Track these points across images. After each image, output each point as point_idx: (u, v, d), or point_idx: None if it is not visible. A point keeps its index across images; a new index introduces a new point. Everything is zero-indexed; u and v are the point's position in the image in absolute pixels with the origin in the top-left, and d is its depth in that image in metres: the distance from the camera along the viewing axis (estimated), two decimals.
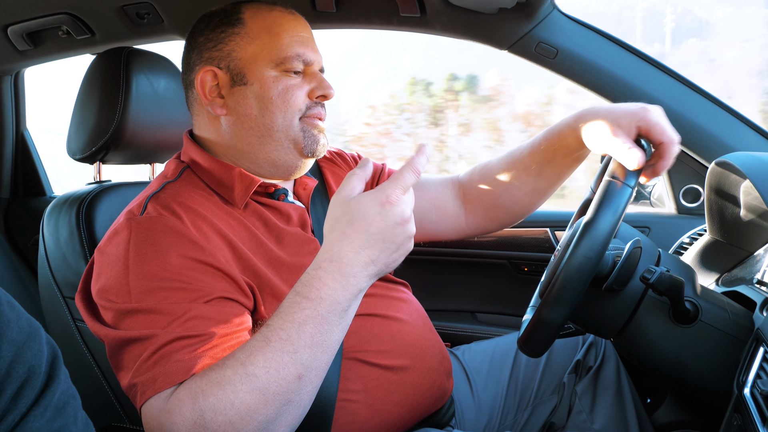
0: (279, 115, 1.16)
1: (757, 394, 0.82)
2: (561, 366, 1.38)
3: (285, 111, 1.16)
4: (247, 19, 1.18)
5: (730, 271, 1.32)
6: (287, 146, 1.18)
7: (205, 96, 1.18)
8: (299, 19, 1.22)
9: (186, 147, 1.23)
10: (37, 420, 0.56)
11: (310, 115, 1.19)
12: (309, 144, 1.19)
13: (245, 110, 1.17)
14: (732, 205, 1.27)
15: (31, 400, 0.57)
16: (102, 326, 1.00)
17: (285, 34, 1.18)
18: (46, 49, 2.04)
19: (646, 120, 1.08)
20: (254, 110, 1.16)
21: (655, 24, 4.51)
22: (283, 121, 1.17)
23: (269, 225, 1.17)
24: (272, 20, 1.19)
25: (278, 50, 1.17)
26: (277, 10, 1.21)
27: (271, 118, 1.16)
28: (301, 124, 1.18)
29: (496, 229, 1.44)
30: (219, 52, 1.18)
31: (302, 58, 1.18)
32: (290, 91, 1.16)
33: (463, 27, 1.73)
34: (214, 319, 0.97)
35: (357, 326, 1.17)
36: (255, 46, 1.17)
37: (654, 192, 1.91)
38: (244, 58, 1.17)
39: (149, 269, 0.98)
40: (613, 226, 0.94)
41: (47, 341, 0.60)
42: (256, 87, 1.16)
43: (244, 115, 1.17)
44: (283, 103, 1.16)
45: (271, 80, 1.16)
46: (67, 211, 1.34)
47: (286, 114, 1.17)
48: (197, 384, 0.85)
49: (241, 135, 1.18)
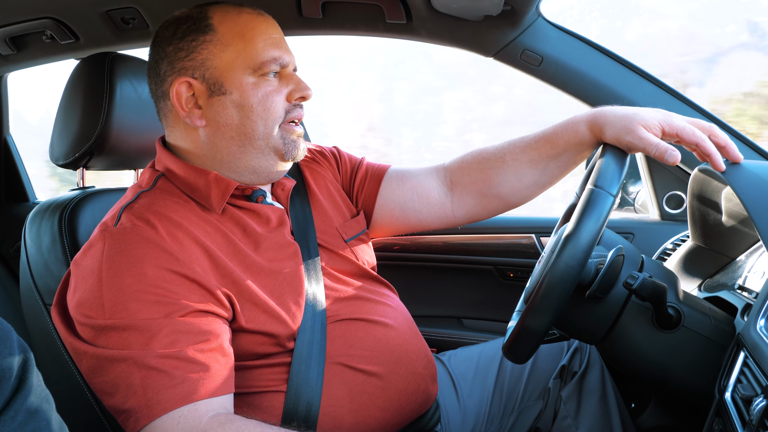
0: (260, 123, 1.15)
1: (737, 398, 0.83)
2: (546, 371, 1.39)
3: (266, 118, 1.15)
4: (217, 25, 1.15)
5: (712, 276, 1.33)
6: (268, 153, 1.17)
7: (182, 108, 1.14)
8: (269, 20, 1.20)
9: (160, 155, 1.21)
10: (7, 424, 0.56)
11: (288, 120, 1.17)
12: (290, 150, 1.18)
13: (225, 120, 1.14)
14: (714, 212, 1.28)
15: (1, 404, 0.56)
16: (80, 342, 0.99)
17: (258, 38, 1.15)
18: (30, 54, 2.02)
19: (673, 125, 1.11)
20: (234, 119, 1.14)
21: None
22: (264, 128, 1.15)
23: (247, 230, 1.16)
24: (243, 24, 1.15)
25: (254, 55, 1.14)
26: (245, 12, 1.17)
27: (252, 126, 1.15)
28: (280, 131, 1.17)
29: (486, 217, 1.42)
30: (192, 62, 1.14)
31: (279, 61, 1.16)
32: (270, 97, 1.15)
33: (448, 34, 1.73)
34: (191, 333, 0.97)
35: (341, 331, 1.17)
36: (230, 53, 1.13)
37: (638, 198, 1.93)
38: (220, 66, 1.13)
39: (122, 281, 0.97)
40: (596, 235, 0.94)
41: (18, 344, 0.60)
42: (236, 96, 1.13)
43: (224, 125, 1.15)
44: (264, 110, 1.14)
45: (250, 87, 1.14)
46: (49, 217, 1.32)
47: (267, 122, 1.15)
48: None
49: (221, 145, 1.16)
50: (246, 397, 1.08)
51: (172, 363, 0.94)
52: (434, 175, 1.41)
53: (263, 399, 1.10)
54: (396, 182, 1.40)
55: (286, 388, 1.09)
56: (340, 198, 1.38)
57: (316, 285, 1.18)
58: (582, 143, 1.23)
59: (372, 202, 1.40)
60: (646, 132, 1.09)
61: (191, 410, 0.93)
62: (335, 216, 1.32)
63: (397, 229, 1.44)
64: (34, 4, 1.74)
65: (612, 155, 1.07)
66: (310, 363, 1.11)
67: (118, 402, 0.94)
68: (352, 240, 1.31)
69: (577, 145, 1.24)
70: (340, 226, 1.31)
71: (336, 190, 1.38)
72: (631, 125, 1.11)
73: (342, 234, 1.30)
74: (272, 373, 1.11)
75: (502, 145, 1.35)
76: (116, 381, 0.94)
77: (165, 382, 0.93)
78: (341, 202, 1.37)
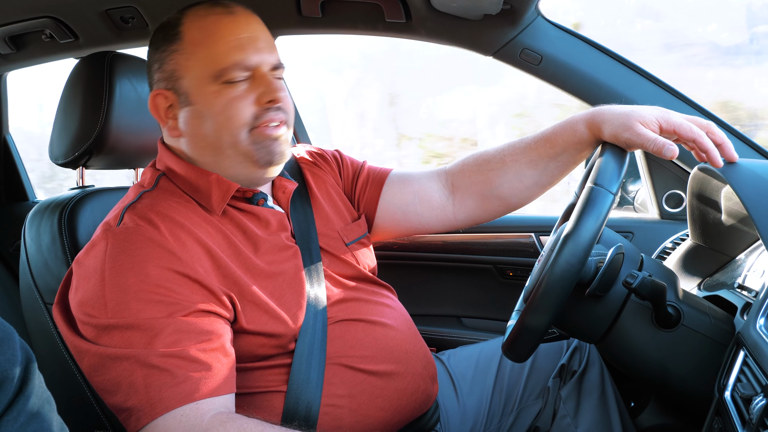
0: (225, 132, 1.11)
1: (737, 397, 0.83)
2: (545, 370, 1.39)
3: (230, 127, 1.11)
4: (185, 32, 1.12)
5: (712, 275, 1.33)
6: (242, 161, 1.14)
7: (161, 119, 1.16)
8: (239, 18, 1.13)
9: (161, 154, 1.21)
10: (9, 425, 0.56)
11: (261, 125, 1.12)
12: (263, 156, 1.13)
13: (194, 131, 1.14)
14: (713, 211, 1.28)
15: (3, 405, 0.56)
16: (82, 341, 0.99)
17: (220, 42, 1.10)
18: (29, 53, 2.02)
19: (670, 121, 1.11)
20: (202, 130, 1.12)
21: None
22: (230, 137, 1.11)
23: (247, 232, 1.15)
24: (206, 28, 1.11)
25: (214, 62, 1.10)
26: (213, 13, 1.13)
27: (218, 136, 1.12)
28: (251, 136, 1.12)
29: (487, 219, 1.42)
30: (164, 74, 1.14)
31: (242, 64, 1.10)
32: (232, 105, 1.10)
33: (448, 33, 1.73)
34: (194, 333, 0.97)
35: (341, 331, 1.17)
36: (193, 62, 1.11)
37: (637, 197, 1.93)
38: (186, 76, 1.12)
39: (125, 281, 0.97)
40: (596, 233, 0.94)
41: (21, 346, 0.60)
42: (200, 106, 1.11)
43: (195, 136, 1.14)
44: (227, 119, 1.10)
45: (213, 96, 1.10)
46: (49, 216, 1.32)
47: (231, 130, 1.11)
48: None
49: (199, 153, 1.16)
50: (246, 397, 1.08)
51: (174, 362, 0.94)
52: (435, 179, 1.41)
53: (263, 399, 1.10)
54: (398, 186, 1.40)
55: (287, 389, 1.10)
56: (341, 201, 1.37)
57: (317, 287, 1.18)
58: (581, 142, 1.23)
59: (374, 206, 1.40)
60: (643, 128, 1.10)
61: (193, 409, 0.93)
62: (336, 219, 1.32)
63: (399, 233, 1.44)
64: (34, 3, 1.74)
65: (611, 153, 1.07)
66: (310, 363, 1.11)
67: (120, 400, 0.94)
68: (353, 243, 1.31)
69: (576, 145, 1.24)
70: (342, 230, 1.31)
71: (337, 194, 1.38)
72: (628, 122, 1.11)
73: (343, 237, 1.30)
74: (273, 374, 1.11)
75: (502, 147, 1.35)
76: (118, 379, 0.94)
77: (167, 380, 0.93)
78: (342, 205, 1.37)
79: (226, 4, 1.15)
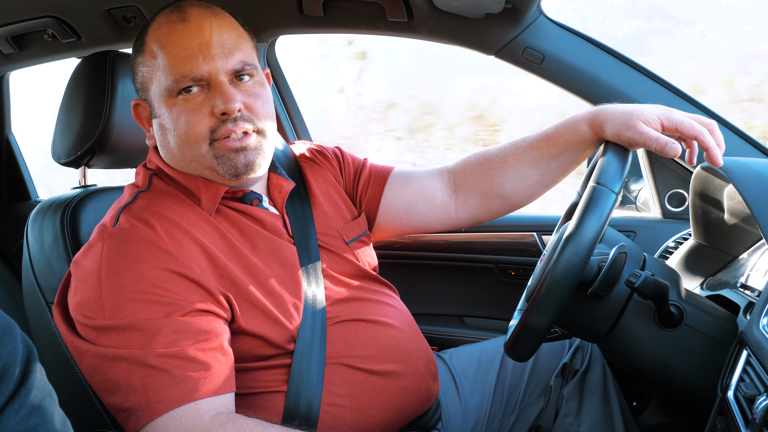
0: (185, 147, 1.09)
1: (740, 396, 0.83)
2: (548, 369, 1.39)
3: (189, 142, 1.08)
4: (147, 42, 1.10)
5: (714, 275, 1.33)
6: (210, 173, 1.12)
7: (144, 126, 1.18)
8: (191, 26, 1.07)
9: (151, 155, 1.21)
10: (11, 417, 0.56)
11: (219, 137, 1.07)
12: (227, 170, 1.08)
13: (162, 143, 1.14)
14: (716, 210, 1.28)
15: (5, 397, 0.57)
16: (81, 341, 0.99)
17: (171, 54, 1.06)
18: (32, 53, 2.03)
19: (672, 119, 1.11)
20: (168, 143, 1.12)
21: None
22: (191, 151, 1.09)
23: (243, 230, 1.15)
24: (161, 39, 1.08)
25: (167, 74, 1.06)
26: (169, 21, 1.08)
27: (180, 149, 1.10)
28: (212, 150, 1.08)
29: (489, 218, 1.42)
30: (137, 84, 1.15)
31: (191, 76, 1.05)
32: (187, 118, 1.06)
33: (450, 32, 1.73)
34: (192, 333, 0.97)
35: (342, 331, 1.17)
36: (153, 74, 1.09)
37: (640, 196, 1.92)
38: (150, 88, 1.11)
39: (122, 282, 0.98)
40: (598, 232, 0.94)
41: (22, 339, 0.61)
42: (162, 119, 1.10)
43: (164, 147, 1.14)
44: (184, 134, 1.07)
45: (170, 109, 1.07)
46: (51, 215, 1.32)
47: (191, 145, 1.08)
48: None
49: (175, 163, 1.15)
50: (246, 397, 1.08)
51: (172, 362, 0.94)
52: (438, 177, 1.41)
53: (264, 399, 1.10)
54: (400, 184, 1.40)
55: (287, 388, 1.10)
56: (341, 199, 1.37)
57: (315, 286, 1.18)
58: (583, 141, 1.23)
59: (376, 204, 1.39)
60: (645, 127, 1.09)
61: (193, 409, 0.93)
62: (336, 218, 1.32)
63: (401, 231, 1.44)
64: (36, 3, 1.74)
65: (614, 153, 1.07)
66: (310, 362, 1.11)
67: (119, 401, 0.94)
68: (353, 242, 1.31)
69: (579, 144, 1.24)
70: (341, 228, 1.31)
71: (337, 192, 1.37)
72: (630, 121, 1.11)
73: (343, 236, 1.30)
74: (272, 374, 1.11)
75: (505, 146, 1.35)
76: (116, 380, 0.94)
77: (166, 380, 0.93)
78: (342, 203, 1.37)
79: (183, 9, 1.09)
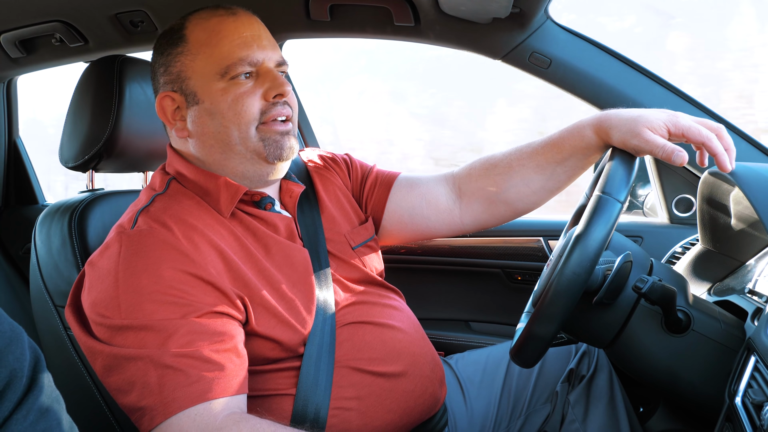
0: (233, 129, 1.13)
1: (748, 403, 0.82)
2: (554, 375, 1.38)
3: (239, 123, 1.13)
4: (189, 34, 1.16)
5: (722, 280, 1.32)
6: (251, 157, 1.16)
7: (168, 121, 1.18)
8: (241, 18, 1.17)
9: (170, 159, 1.22)
10: (19, 423, 0.57)
11: (267, 120, 1.14)
12: (272, 151, 1.15)
13: (203, 129, 1.16)
14: (724, 215, 1.28)
15: (13, 404, 0.57)
16: (95, 341, 1.00)
17: (225, 41, 1.13)
18: (39, 57, 2.04)
19: (678, 125, 1.10)
20: (210, 128, 1.15)
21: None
22: (239, 133, 1.14)
23: (257, 235, 1.16)
24: (211, 29, 1.15)
25: (220, 59, 1.13)
26: (216, 15, 1.16)
27: (227, 132, 1.14)
28: (259, 133, 1.14)
29: (494, 224, 1.42)
30: (170, 76, 1.17)
31: (247, 60, 1.13)
32: (240, 100, 1.12)
33: (456, 36, 1.73)
34: (207, 334, 0.98)
35: (350, 334, 1.17)
36: (199, 62, 1.14)
37: (647, 201, 1.92)
38: (192, 76, 1.15)
39: (139, 282, 0.99)
40: (603, 243, 0.94)
41: (29, 345, 0.61)
42: (208, 104, 1.14)
43: (204, 134, 1.16)
44: (235, 115, 1.13)
45: (220, 93, 1.13)
46: (59, 219, 1.33)
47: (240, 126, 1.13)
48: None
49: (207, 153, 1.17)
50: (256, 399, 1.08)
51: (188, 362, 0.95)
52: (443, 183, 1.41)
53: (272, 402, 1.10)
54: (405, 189, 1.40)
55: (296, 392, 1.10)
56: (349, 205, 1.38)
57: (326, 291, 1.19)
58: (589, 147, 1.23)
59: (381, 208, 1.40)
60: (651, 134, 1.09)
61: (206, 408, 0.93)
62: (343, 223, 1.32)
63: (406, 237, 1.44)
64: (44, 7, 1.75)
65: (620, 160, 1.07)
66: (319, 366, 1.11)
67: (134, 400, 0.95)
68: (359, 247, 1.32)
69: (584, 150, 1.24)
70: (348, 233, 1.31)
71: (345, 197, 1.38)
72: (636, 128, 1.10)
73: (349, 241, 1.30)
74: (282, 377, 1.11)
75: (510, 151, 1.35)
76: (132, 379, 0.94)
77: (181, 380, 0.93)
78: (350, 209, 1.37)
79: (229, 6, 1.18)
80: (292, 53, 2.16)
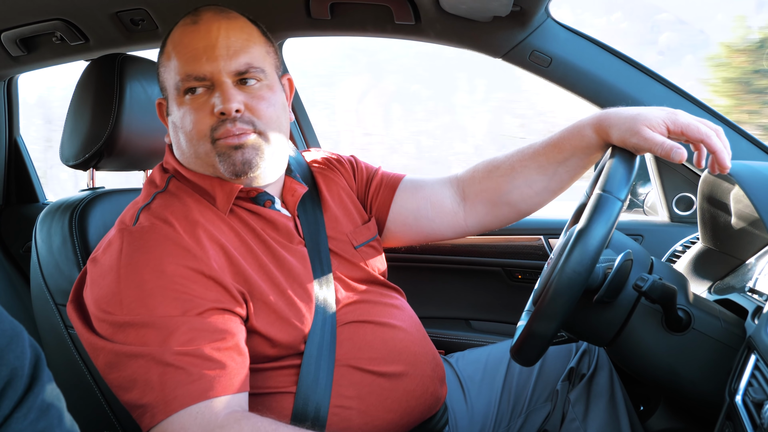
0: (190, 144, 1.13)
1: (748, 401, 0.83)
2: (554, 373, 1.38)
3: (193, 139, 1.11)
4: (167, 44, 1.16)
5: (722, 279, 1.32)
6: (216, 171, 1.14)
7: (167, 125, 1.21)
8: (200, 28, 1.11)
9: (167, 157, 1.23)
10: (20, 422, 0.57)
11: (219, 136, 1.09)
12: (228, 168, 1.10)
13: (175, 140, 1.17)
14: (724, 213, 1.28)
15: (13, 402, 0.57)
16: (97, 338, 1.00)
17: (180, 54, 1.11)
18: (40, 56, 2.04)
19: (677, 122, 1.09)
20: (178, 140, 1.16)
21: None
22: (195, 150, 1.12)
23: (256, 232, 1.16)
24: (175, 41, 1.13)
25: (175, 74, 1.11)
26: (183, 25, 1.14)
27: (187, 147, 1.14)
28: (215, 148, 1.10)
29: (498, 226, 1.42)
30: (160, 83, 1.20)
31: (193, 75, 1.09)
32: (189, 116, 1.10)
33: (457, 35, 1.73)
34: (208, 332, 0.98)
35: (350, 333, 1.17)
36: (167, 74, 1.16)
37: (647, 200, 1.92)
38: (165, 87, 1.18)
39: (141, 278, 0.99)
40: (603, 241, 0.94)
41: (30, 343, 0.61)
42: (174, 116, 1.15)
43: (176, 145, 1.18)
44: (187, 132, 1.11)
45: (178, 107, 1.12)
46: (59, 218, 1.33)
47: (193, 141, 1.12)
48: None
49: (187, 160, 1.18)
50: (256, 397, 1.08)
51: (189, 360, 0.95)
52: (447, 185, 1.42)
53: (273, 400, 1.10)
54: (410, 191, 1.41)
55: (296, 390, 1.10)
56: (353, 205, 1.38)
57: (327, 290, 1.19)
58: (589, 147, 1.23)
59: (386, 210, 1.40)
60: (650, 132, 1.09)
61: (208, 406, 0.94)
62: (346, 222, 1.33)
63: (411, 238, 1.44)
64: (45, 5, 1.75)
65: (620, 159, 1.07)
66: (319, 364, 1.11)
67: (135, 397, 0.95)
68: (361, 246, 1.32)
69: (585, 149, 1.24)
70: (350, 233, 1.31)
71: (349, 198, 1.38)
72: (635, 126, 1.10)
73: (352, 240, 1.31)
74: (282, 375, 1.12)
75: (512, 153, 1.35)
76: (134, 376, 0.95)
77: (182, 378, 0.94)
78: (353, 209, 1.37)
79: (198, 14, 1.13)
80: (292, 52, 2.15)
